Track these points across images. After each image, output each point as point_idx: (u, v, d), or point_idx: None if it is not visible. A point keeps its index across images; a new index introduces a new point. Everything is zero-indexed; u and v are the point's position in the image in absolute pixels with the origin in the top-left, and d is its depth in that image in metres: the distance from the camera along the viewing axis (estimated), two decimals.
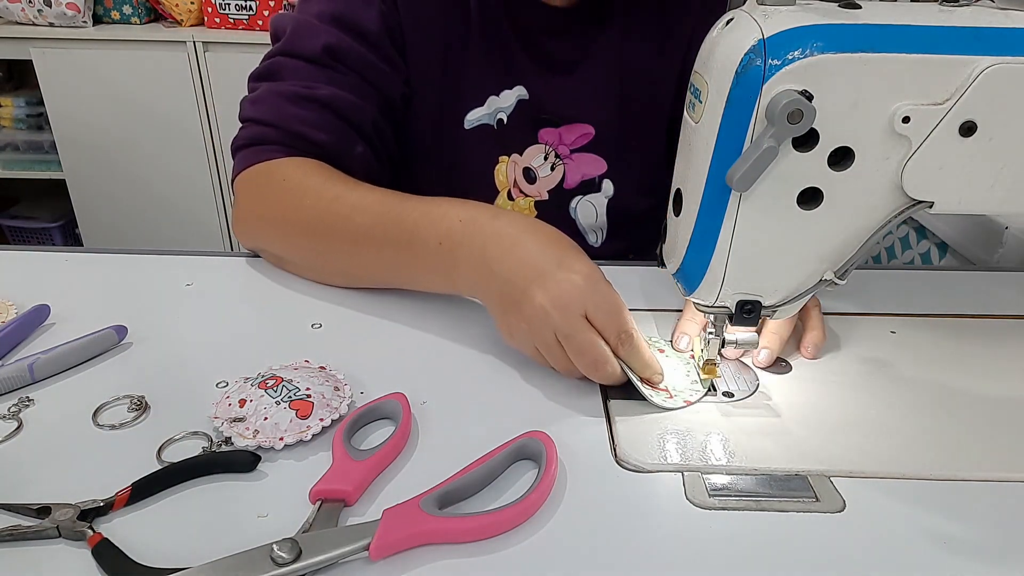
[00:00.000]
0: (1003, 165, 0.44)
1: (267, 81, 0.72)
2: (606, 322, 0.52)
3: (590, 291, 0.51)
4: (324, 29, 0.70)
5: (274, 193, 0.69)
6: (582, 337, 0.51)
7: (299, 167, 0.69)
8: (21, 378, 0.53)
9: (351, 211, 0.63)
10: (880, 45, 0.41)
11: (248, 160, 0.71)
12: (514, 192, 0.82)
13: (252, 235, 0.72)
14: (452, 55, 0.75)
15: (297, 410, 0.50)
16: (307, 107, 0.70)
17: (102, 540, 0.40)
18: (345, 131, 0.71)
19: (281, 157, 0.70)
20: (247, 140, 0.72)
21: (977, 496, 0.46)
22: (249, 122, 0.72)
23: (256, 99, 0.72)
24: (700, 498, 0.46)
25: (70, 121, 2.01)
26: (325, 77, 0.71)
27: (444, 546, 0.42)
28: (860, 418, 0.53)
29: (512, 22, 0.76)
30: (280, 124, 0.70)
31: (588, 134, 0.80)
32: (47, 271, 0.72)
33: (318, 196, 0.65)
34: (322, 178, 0.67)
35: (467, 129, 0.78)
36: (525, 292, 0.52)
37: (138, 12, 2.00)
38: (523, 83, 0.78)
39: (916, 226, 1.13)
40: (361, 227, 0.63)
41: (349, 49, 0.71)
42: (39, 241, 2.30)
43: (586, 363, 0.52)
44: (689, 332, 0.60)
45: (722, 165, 0.44)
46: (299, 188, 0.67)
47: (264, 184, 0.70)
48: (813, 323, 0.61)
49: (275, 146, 0.70)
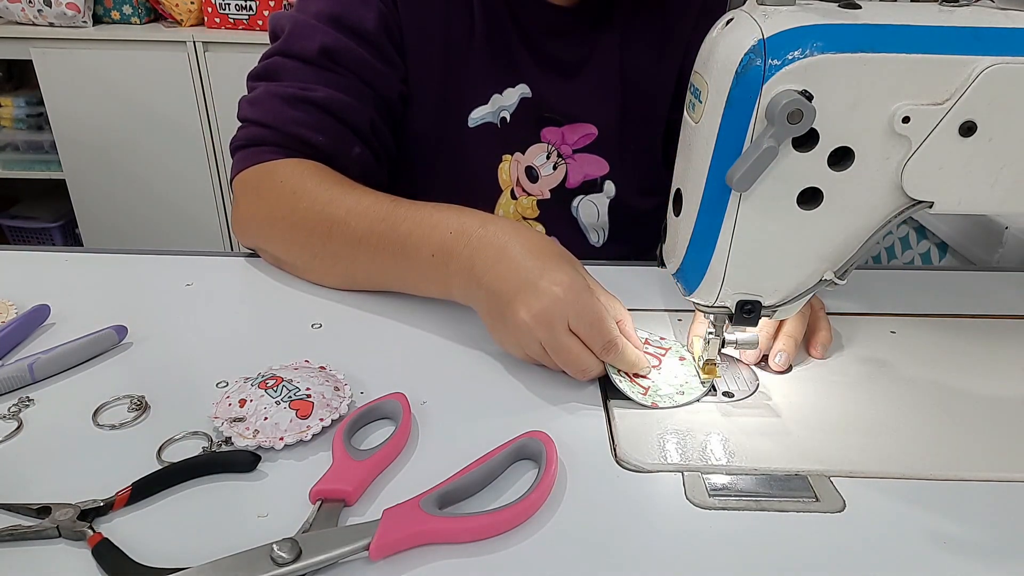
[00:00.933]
0: (1003, 165, 0.44)
1: (265, 81, 0.73)
2: (589, 333, 0.53)
3: (572, 302, 0.52)
4: (322, 30, 0.71)
5: (271, 194, 0.69)
6: (566, 349, 0.53)
7: (296, 168, 0.69)
8: (21, 378, 0.53)
9: (346, 215, 0.64)
10: (880, 45, 0.41)
11: (246, 161, 0.71)
12: (517, 191, 0.82)
13: (251, 235, 0.73)
14: (454, 53, 0.75)
15: (297, 410, 0.50)
16: (304, 109, 0.70)
17: (102, 540, 0.40)
18: (342, 132, 0.72)
19: (279, 158, 0.70)
20: (245, 141, 0.72)
21: (977, 496, 0.46)
22: (247, 123, 0.72)
23: (254, 100, 0.72)
24: (700, 498, 0.45)
25: (70, 121, 2.01)
26: (322, 78, 0.71)
27: (444, 546, 0.42)
28: (860, 418, 0.53)
29: (515, 22, 0.76)
30: (277, 126, 0.70)
31: (591, 134, 0.80)
32: (47, 271, 0.72)
33: (313, 199, 0.66)
34: (317, 180, 0.67)
35: (471, 127, 0.78)
36: (509, 305, 0.54)
37: (138, 12, 2.00)
38: (526, 81, 0.78)
39: (916, 226, 1.13)
40: (356, 232, 0.63)
41: (347, 50, 0.71)
42: (39, 241, 2.30)
43: (573, 371, 0.55)
44: (702, 335, 0.60)
45: (722, 165, 0.44)
46: (296, 190, 0.67)
47: (262, 185, 0.70)
48: (820, 324, 0.61)
49: (273, 147, 0.70)
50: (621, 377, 0.55)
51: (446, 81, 0.76)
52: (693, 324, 0.61)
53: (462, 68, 0.76)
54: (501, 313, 0.55)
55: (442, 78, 0.76)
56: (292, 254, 0.69)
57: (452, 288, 0.60)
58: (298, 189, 0.67)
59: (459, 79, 0.77)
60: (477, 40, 0.75)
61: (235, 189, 0.73)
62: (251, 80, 0.75)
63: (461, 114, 0.78)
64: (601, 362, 0.54)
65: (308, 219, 0.66)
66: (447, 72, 0.76)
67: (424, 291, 0.64)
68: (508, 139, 0.80)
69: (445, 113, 0.78)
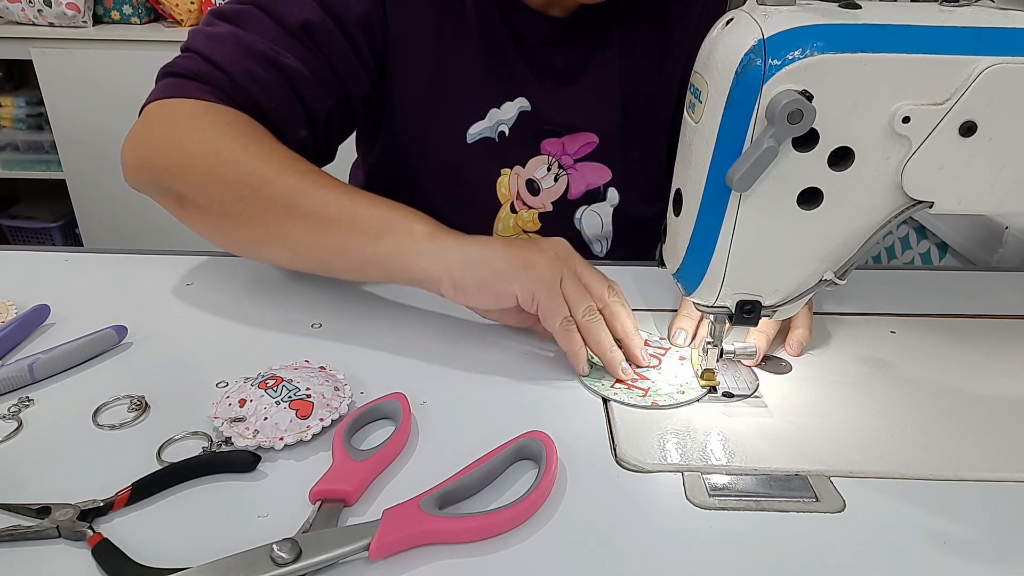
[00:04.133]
0: (1003, 165, 0.44)
1: (232, 24, 0.67)
2: (592, 277, 0.57)
3: (572, 254, 0.58)
4: (310, 5, 0.67)
5: (209, 132, 0.63)
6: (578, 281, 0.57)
7: (244, 119, 0.64)
8: (21, 378, 0.53)
9: (302, 180, 0.59)
10: (880, 45, 0.41)
11: (177, 90, 0.65)
12: (517, 204, 0.80)
13: (154, 169, 0.65)
14: (448, 68, 0.74)
15: (297, 410, 0.50)
16: (268, 70, 0.65)
17: (102, 540, 0.40)
18: (296, 110, 0.68)
19: (216, 102, 0.64)
20: (187, 71, 0.66)
21: (977, 496, 0.46)
22: (194, 54, 0.66)
23: (213, 36, 0.66)
24: (700, 498, 0.45)
25: (70, 121, 2.01)
26: (297, 50, 0.66)
27: (444, 546, 0.42)
28: (860, 418, 0.53)
29: (511, 34, 0.75)
30: (231, 73, 0.65)
31: (592, 143, 0.79)
32: (47, 271, 0.72)
33: (265, 154, 0.61)
34: (271, 140, 0.63)
35: (469, 143, 0.77)
36: (519, 254, 0.56)
37: (138, 12, 2.00)
38: (524, 94, 0.77)
39: (916, 226, 1.13)
40: (308, 204, 0.59)
41: (329, 34, 0.68)
42: (39, 241, 2.30)
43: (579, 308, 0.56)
44: (686, 328, 0.61)
45: (722, 165, 0.44)
46: (244, 136, 0.62)
47: (198, 120, 0.63)
48: (800, 321, 0.61)
49: (215, 90, 0.65)
50: (618, 388, 0.55)
51: (439, 96, 0.75)
52: (677, 317, 0.62)
53: (457, 83, 0.75)
54: (508, 260, 0.55)
55: (435, 93, 0.75)
56: (208, 197, 0.62)
57: (423, 254, 0.56)
58: (247, 137, 0.62)
59: (454, 94, 0.75)
60: (471, 55, 0.74)
61: (149, 114, 0.66)
62: (214, 16, 0.68)
63: (459, 130, 0.77)
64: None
65: (246, 170, 0.60)
66: (440, 87, 0.75)
67: (375, 266, 0.59)
68: (507, 153, 0.79)
69: (441, 128, 0.77)
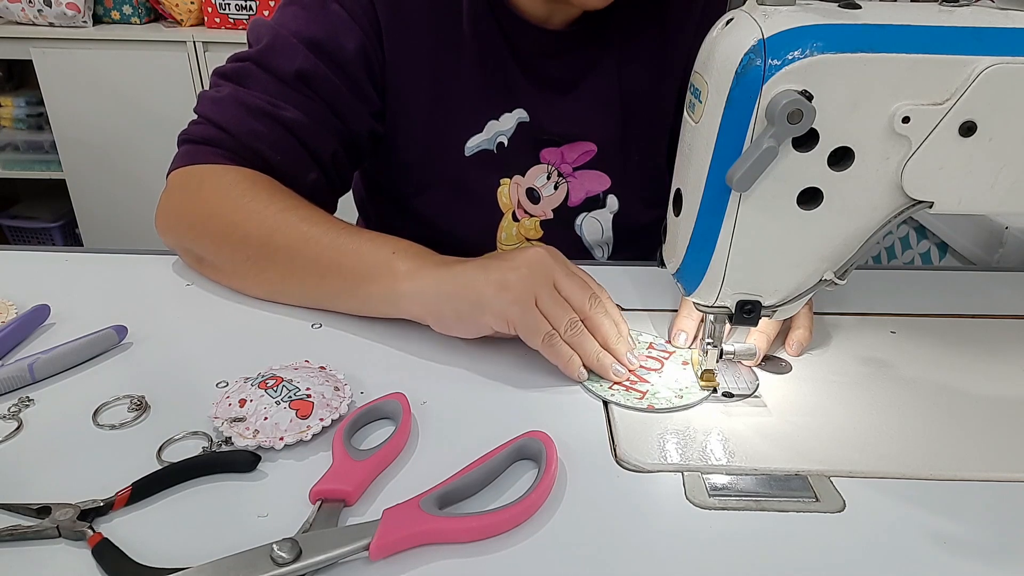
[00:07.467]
0: (1003, 165, 0.44)
1: (233, 84, 0.71)
2: (573, 287, 0.56)
3: (556, 258, 0.57)
4: (302, 53, 0.69)
5: (216, 195, 0.67)
6: (559, 293, 0.56)
7: (247, 175, 0.68)
8: (21, 378, 0.53)
9: (297, 231, 0.63)
10: (880, 45, 0.41)
11: (193, 158, 0.69)
12: (519, 213, 0.80)
13: (178, 233, 0.70)
14: (444, 83, 0.74)
15: (297, 410, 0.50)
16: (267, 124, 0.68)
17: (102, 540, 0.40)
18: (301, 156, 0.70)
19: (228, 164, 0.68)
20: (198, 138, 0.70)
21: (977, 496, 0.46)
22: (206, 121, 0.70)
23: (217, 99, 0.70)
24: (700, 498, 0.45)
25: (70, 121, 2.01)
26: (293, 100, 0.69)
27: (444, 546, 0.42)
28: (860, 418, 0.53)
29: (509, 47, 0.74)
30: (235, 134, 0.68)
31: (591, 151, 0.79)
32: (47, 271, 0.72)
33: (261, 210, 0.64)
34: (269, 192, 0.66)
35: (468, 156, 0.77)
36: (498, 268, 0.56)
37: (138, 12, 2.00)
38: (523, 105, 0.76)
39: (916, 226, 1.13)
40: (305, 255, 0.62)
41: (323, 78, 0.69)
42: (39, 241, 2.30)
43: (559, 321, 0.56)
44: (686, 329, 0.60)
45: (722, 165, 0.44)
46: (244, 195, 0.65)
47: (205, 184, 0.68)
48: (800, 321, 0.61)
49: (225, 152, 0.69)
50: (616, 389, 0.55)
51: (437, 111, 0.75)
52: (677, 318, 0.62)
53: (454, 98, 0.75)
54: (480, 288, 0.55)
55: (433, 108, 0.75)
56: (224, 258, 0.67)
57: (404, 297, 0.59)
58: (247, 194, 0.65)
59: (453, 110, 0.75)
60: (468, 68, 0.74)
61: (171, 182, 0.70)
62: (218, 77, 0.72)
63: (457, 143, 0.77)
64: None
65: (254, 228, 0.64)
66: (437, 102, 0.75)
67: (369, 309, 0.62)
68: (507, 163, 0.79)
69: (439, 143, 0.76)
